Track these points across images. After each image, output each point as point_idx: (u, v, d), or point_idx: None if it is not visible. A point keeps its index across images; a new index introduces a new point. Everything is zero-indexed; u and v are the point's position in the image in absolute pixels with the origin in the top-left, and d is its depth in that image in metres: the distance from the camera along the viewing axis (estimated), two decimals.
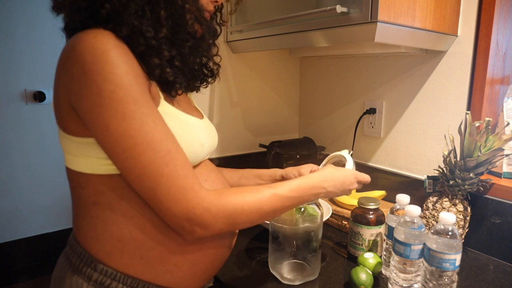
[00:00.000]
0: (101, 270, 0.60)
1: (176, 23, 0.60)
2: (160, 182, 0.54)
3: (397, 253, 0.76)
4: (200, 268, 0.66)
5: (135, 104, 0.53)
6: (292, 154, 1.29)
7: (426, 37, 0.94)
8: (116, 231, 0.60)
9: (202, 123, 0.71)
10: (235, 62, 1.37)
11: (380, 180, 1.25)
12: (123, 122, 0.52)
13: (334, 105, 1.43)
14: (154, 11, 0.58)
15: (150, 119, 0.54)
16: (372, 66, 1.26)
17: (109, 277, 0.60)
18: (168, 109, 0.61)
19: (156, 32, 0.58)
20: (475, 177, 0.88)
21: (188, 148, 0.61)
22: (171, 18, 0.59)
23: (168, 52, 0.60)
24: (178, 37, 0.61)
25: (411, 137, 1.17)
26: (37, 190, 2.44)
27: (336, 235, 1.08)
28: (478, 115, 0.99)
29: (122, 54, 0.53)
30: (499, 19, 0.96)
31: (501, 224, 0.94)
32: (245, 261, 0.93)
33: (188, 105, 0.75)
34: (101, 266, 0.60)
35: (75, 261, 0.61)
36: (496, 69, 0.99)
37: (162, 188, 0.54)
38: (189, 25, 0.61)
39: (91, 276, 0.60)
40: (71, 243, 0.64)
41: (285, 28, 1.02)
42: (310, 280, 0.83)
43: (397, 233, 0.76)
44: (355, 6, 0.81)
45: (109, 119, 0.52)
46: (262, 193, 0.63)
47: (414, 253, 0.74)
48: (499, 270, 0.90)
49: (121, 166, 0.55)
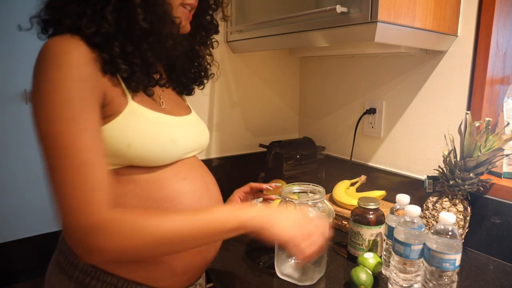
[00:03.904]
0: (81, 269, 0.61)
1: (124, 18, 0.59)
2: (63, 190, 0.53)
3: (397, 253, 0.76)
4: (179, 267, 0.66)
5: (65, 109, 0.53)
6: (292, 154, 1.29)
7: (426, 37, 0.94)
8: None
9: (176, 120, 0.70)
10: (235, 62, 1.37)
11: (380, 180, 1.25)
12: (47, 122, 0.53)
13: (334, 105, 1.43)
14: (96, 8, 0.58)
15: (77, 127, 0.54)
16: (372, 66, 1.26)
17: (89, 275, 0.61)
18: (136, 108, 0.62)
19: (98, 28, 0.58)
20: (475, 177, 0.88)
21: (157, 145, 0.62)
22: (117, 13, 0.59)
23: (119, 48, 0.60)
24: (134, 33, 0.60)
25: (411, 137, 1.17)
26: (37, 190, 2.44)
27: (336, 235, 1.08)
28: (478, 115, 0.99)
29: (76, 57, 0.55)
30: (499, 19, 0.96)
31: (501, 224, 0.94)
32: (247, 261, 0.93)
33: (176, 104, 0.76)
34: (82, 264, 0.61)
35: (61, 260, 0.63)
36: (496, 69, 0.99)
37: (64, 197, 0.53)
38: (140, 20, 0.59)
39: (72, 274, 0.61)
40: (59, 242, 0.66)
41: (285, 28, 1.02)
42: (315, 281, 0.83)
43: (397, 233, 0.76)
44: (355, 6, 0.81)
45: (39, 116, 0.54)
46: (171, 217, 0.57)
47: (414, 253, 0.74)
48: (499, 270, 0.90)
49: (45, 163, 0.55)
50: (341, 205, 1.13)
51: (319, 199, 0.81)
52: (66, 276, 0.62)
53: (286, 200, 0.81)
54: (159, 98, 0.71)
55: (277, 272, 0.85)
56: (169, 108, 0.72)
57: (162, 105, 0.71)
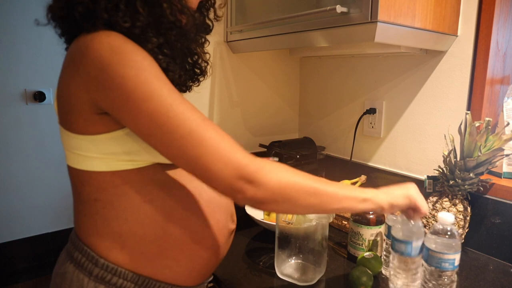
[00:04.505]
0: (102, 265, 0.60)
1: (153, 11, 0.60)
2: (205, 147, 0.54)
3: (396, 251, 0.76)
4: (199, 263, 0.67)
5: (160, 81, 0.54)
6: (292, 154, 1.29)
7: (426, 37, 0.94)
8: (116, 227, 0.60)
9: None
10: (235, 62, 1.37)
11: (380, 180, 1.25)
12: (152, 100, 0.53)
13: (334, 105, 1.43)
14: (129, 2, 0.58)
15: (176, 94, 0.55)
16: (372, 66, 1.26)
17: (110, 272, 0.60)
18: None
19: (133, 21, 0.58)
20: (475, 177, 0.88)
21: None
22: (147, 6, 0.60)
23: (156, 39, 0.61)
24: (162, 26, 0.62)
25: (411, 137, 1.17)
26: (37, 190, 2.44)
27: (336, 235, 1.08)
28: (478, 115, 0.99)
29: (136, 45, 0.55)
30: (499, 19, 0.96)
31: (501, 224, 0.94)
32: (247, 261, 0.93)
33: None
34: (102, 261, 0.61)
35: (77, 257, 0.62)
36: (496, 69, 0.99)
37: (208, 153, 0.54)
38: (167, 14, 0.61)
39: (92, 271, 0.60)
40: (73, 239, 0.65)
41: (285, 28, 1.02)
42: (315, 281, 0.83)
43: (395, 231, 0.76)
44: (355, 6, 0.81)
45: (138, 102, 0.53)
46: (321, 181, 0.61)
47: (415, 250, 0.74)
48: (499, 270, 0.90)
49: (160, 144, 0.55)
50: None
51: None
52: (84, 273, 0.61)
53: None
54: None
55: (277, 272, 0.85)
56: None
57: None
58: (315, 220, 0.81)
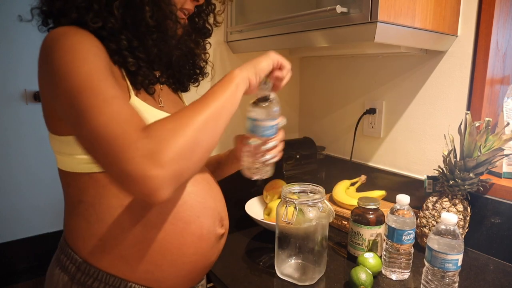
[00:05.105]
0: (84, 269, 0.61)
1: (132, 14, 0.60)
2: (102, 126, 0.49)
3: (253, 132, 0.78)
4: (183, 269, 0.65)
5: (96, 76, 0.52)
6: (292, 154, 1.29)
7: (426, 37, 0.94)
8: (98, 230, 0.60)
9: None
10: (235, 62, 1.37)
11: (380, 180, 1.25)
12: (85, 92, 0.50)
13: (334, 105, 1.43)
14: (102, 2, 0.58)
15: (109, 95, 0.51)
16: (372, 66, 1.26)
17: (92, 277, 0.60)
18: (138, 104, 0.62)
19: (104, 22, 0.58)
20: (475, 177, 0.89)
21: None
22: (125, 9, 0.60)
23: (127, 41, 0.60)
24: (140, 30, 0.61)
25: (411, 137, 1.17)
26: (37, 190, 2.44)
27: (336, 235, 1.08)
28: (478, 115, 0.99)
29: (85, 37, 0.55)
30: (499, 19, 0.96)
31: (501, 224, 0.94)
32: (246, 261, 0.93)
33: (174, 103, 0.76)
34: (84, 265, 0.61)
35: (62, 259, 0.63)
36: (496, 69, 0.99)
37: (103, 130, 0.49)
38: (147, 17, 0.60)
39: (75, 275, 0.61)
40: (61, 242, 0.66)
41: (285, 28, 1.02)
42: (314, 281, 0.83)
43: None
44: (355, 6, 0.81)
45: (59, 79, 0.51)
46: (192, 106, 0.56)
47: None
48: (499, 270, 0.90)
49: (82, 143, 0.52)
50: (341, 205, 1.13)
51: (319, 199, 0.81)
52: (68, 277, 0.61)
53: (286, 200, 0.81)
54: (158, 97, 0.71)
55: (277, 272, 0.85)
56: (167, 107, 0.72)
57: (160, 103, 0.71)
58: (315, 220, 0.81)
